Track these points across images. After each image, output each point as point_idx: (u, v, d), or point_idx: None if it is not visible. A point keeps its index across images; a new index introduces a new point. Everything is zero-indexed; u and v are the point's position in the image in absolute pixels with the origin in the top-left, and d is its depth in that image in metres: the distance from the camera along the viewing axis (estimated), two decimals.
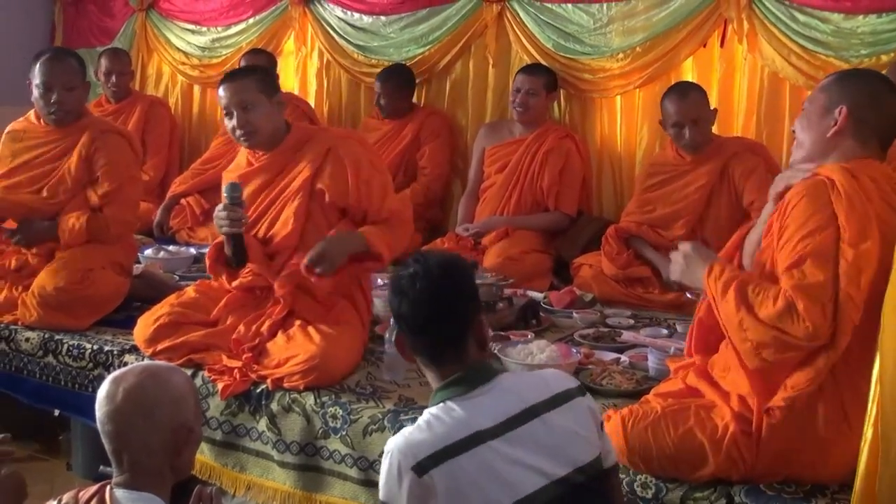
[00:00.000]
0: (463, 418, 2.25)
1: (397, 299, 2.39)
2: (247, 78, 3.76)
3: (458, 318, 2.38)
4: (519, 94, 5.32)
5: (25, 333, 4.15)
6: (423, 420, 2.29)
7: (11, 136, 4.57)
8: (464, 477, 2.18)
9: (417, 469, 2.18)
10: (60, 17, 7.55)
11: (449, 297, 2.38)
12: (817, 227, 2.59)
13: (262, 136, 3.76)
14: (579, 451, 2.31)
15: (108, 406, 2.26)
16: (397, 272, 2.43)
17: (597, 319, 4.27)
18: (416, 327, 2.38)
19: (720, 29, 5.01)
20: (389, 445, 2.28)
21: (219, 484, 3.51)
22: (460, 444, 2.20)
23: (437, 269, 2.38)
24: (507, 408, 2.28)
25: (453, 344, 2.37)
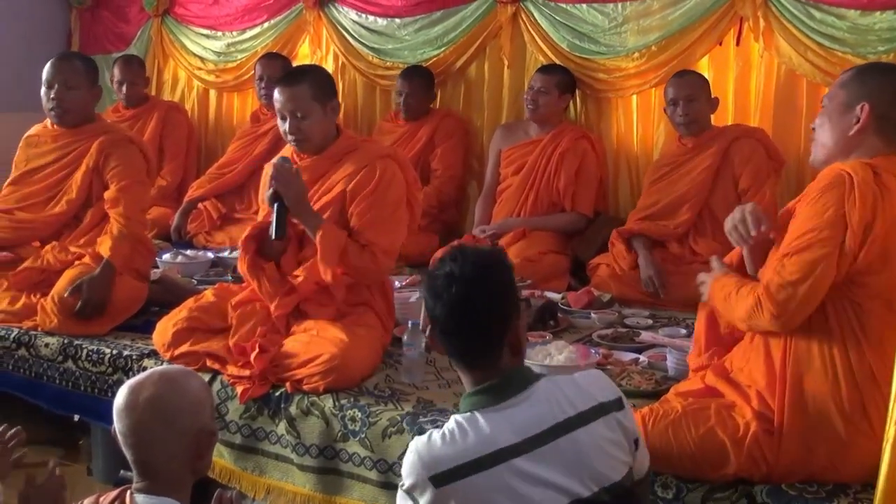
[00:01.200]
0: (486, 434, 2.19)
1: (432, 300, 2.32)
2: (302, 84, 3.71)
3: (492, 325, 2.29)
4: (531, 92, 5.33)
5: (45, 339, 4.17)
6: (448, 428, 2.23)
7: (27, 141, 4.64)
8: (478, 495, 2.15)
9: (434, 481, 2.17)
10: (76, 24, 7.58)
11: (483, 303, 2.28)
12: (822, 224, 2.59)
13: (313, 143, 3.77)
14: (608, 469, 2.24)
15: (128, 418, 2.24)
16: (433, 270, 2.35)
17: (615, 320, 4.26)
18: (449, 331, 2.32)
19: (736, 27, 4.98)
20: (413, 447, 2.25)
21: (238, 488, 3.52)
22: (479, 462, 2.16)
23: (472, 272, 2.28)
24: (537, 422, 2.20)
25: (486, 350, 2.29)
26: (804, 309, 2.61)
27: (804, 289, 2.58)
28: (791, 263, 2.59)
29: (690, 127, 4.78)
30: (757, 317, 2.66)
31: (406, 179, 3.81)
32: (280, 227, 3.62)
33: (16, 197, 4.57)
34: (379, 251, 3.67)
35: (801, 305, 2.60)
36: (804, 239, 2.60)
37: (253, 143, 6.20)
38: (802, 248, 2.59)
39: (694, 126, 4.78)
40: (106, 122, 4.76)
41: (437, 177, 5.81)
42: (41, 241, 4.53)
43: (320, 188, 3.76)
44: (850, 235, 2.56)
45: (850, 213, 2.56)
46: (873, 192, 2.59)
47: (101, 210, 4.44)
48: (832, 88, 2.85)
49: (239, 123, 6.78)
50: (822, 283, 2.58)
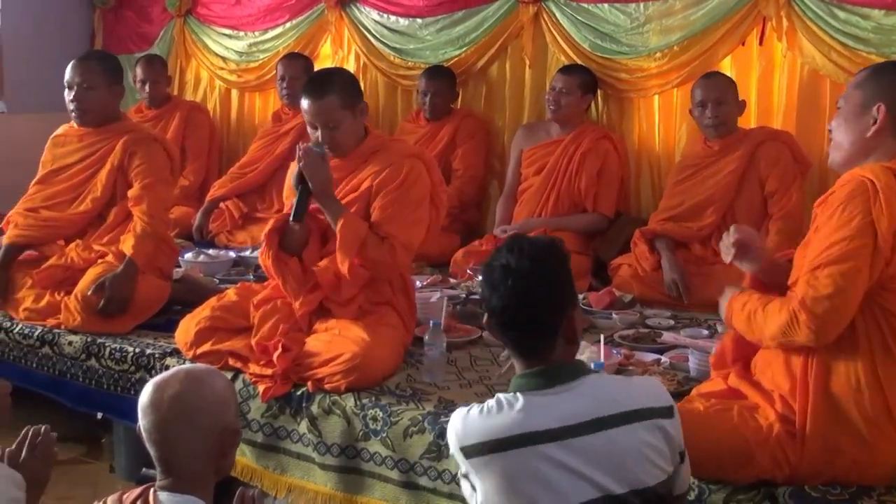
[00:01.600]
0: (523, 416, 2.22)
1: (488, 291, 2.34)
2: (330, 96, 3.69)
3: (547, 317, 2.31)
4: (553, 92, 5.31)
5: (68, 337, 4.19)
6: (490, 403, 2.27)
7: (54, 141, 4.68)
8: (502, 473, 2.19)
9: (464, 451, 2.25)
10: (100, 24, 7.62)
11: (539, 296, 2.31)
12: (850, 234, 2.56)
13: (346, 148, 3.79)
14: (643, 473, 2.22)
15: (153, 415, 2.26)
16: (490, 262, 2.37)
17: (636, 320, 4.25)
18: (505, 323, 2.34)
19: (759, 27, 4.95)
20: (454, 415, 2.32)
21: (260, 486, 3.53)
22: (508, 441, 2.19)
23: (529, 265, 2.30)
24: (577, 413, 2.21)
25: (541, 340, 2.31)
26: (842, 321, 2.57)
27: (840, 301, 2.54)
28: (824, 276, 2.55)
29: (719, 129, 4.73)
30: (793, 332, 2.59)
31: (432, 180, 3.82)
32: (300, 209, 3.65)
33: (42, 196, 4.61)
34: (398, 244, 3.68)
35: (839, 318, 2.56)
36: (834, 250, 2.56)
37: (274, 143, 6.21)
38: (834, 261, 2.55)
39: (722, 128, 4.74)
40: (131, 121, 4.79)
41: (459, 177, 5.80)
42: (66, 239, 4.56)
43: (347, 185, 3.77)
44: (882, 241, 2.54)
45: (879, 220, 2.54)
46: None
47: (125, 209, 4.47)
48: (847, 89, 2.82)
49: (261, 123, 6.79)
50: (857, 293, 2.56)
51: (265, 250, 3.76)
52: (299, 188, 3.64)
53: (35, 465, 2.65)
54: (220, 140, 6.97)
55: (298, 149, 3.67)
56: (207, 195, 6.26)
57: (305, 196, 3.64)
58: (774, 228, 4.54)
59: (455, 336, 4.00)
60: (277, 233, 3.77)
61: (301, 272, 3.74)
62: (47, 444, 2.71)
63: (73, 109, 4.49)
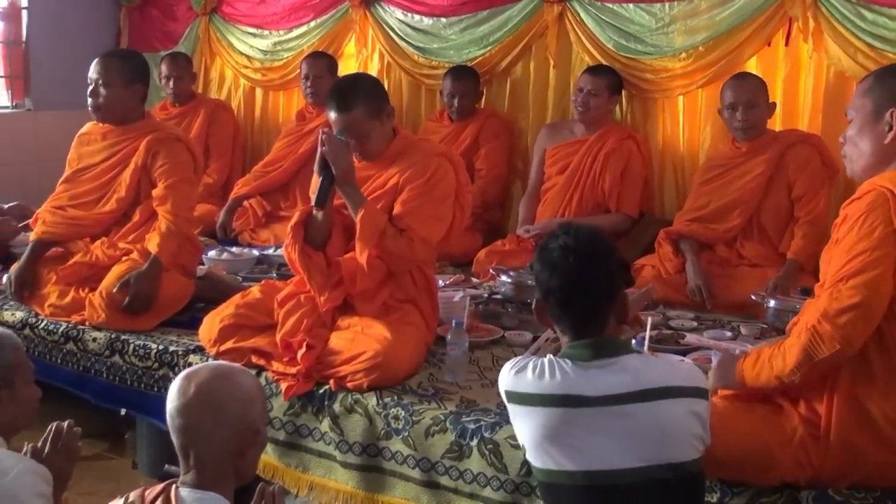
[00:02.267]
0: (567, 379, 2.38)
1: (547, 272, 2.49)
2: (356, 110, 3.68)
3: (604, 294, 2.49)
4: (581, 94, 5.29)
5: (93, 333, 4.22)
6: (542, 361, 2.45)
7: (80, 139, 4.71)
8: (540, 425, 2.38)
9: (508, 395, 2.49)
10: (126, 23, 7.65)
11: (599, 273, 2.48)
12: (872, 245, 2.55)
13: (377, 153, 3.81)
14: (680, 447, 2.36)
15: (178, 400, 2.30)
16: (547, 243, 2.52)
17: (659, 321, 4.23)
18: (565, 300, 2.48)
19: (785, 27, 4.92)
20: (508, 365, 2.55)
21: (281, 483, 3.53)
22: (551, 399, 2.37)
23: (588, 244, 2.48)
24: (620, 384, 2.36)
25: (596, 318, 2.47)
26: (867, 330, 2.56)
27: (864, 311, 2.53)
28: (847, 288, 2.54)
29: (749, 132, 4.68)
30: (817, 349, 2.55)
31: (458, 180, 3.82)
32: (323, 194, 3.66)
33: (68, 195, 4.63)
34: (416, 237, 3.68)
35: (864, 327, 2.54)
36: (857, 262, 2.55)
37: (298, 142, 6.22)
38: (857, 272, 2.54)
39: (752, 132, 4.68)
40: (154, 120, 4.80)
41: (482, 177, 5.80)
42: (91, 237, 4.59)
43: (374, 183, 3.78)
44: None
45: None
46: None
47: (149, 208, 4.49)
48: (855, 99, 2.80)
49: (284, 122, 6.80)
50: (882, 302, 2.54)
51: (291, 243, 3.77)
52: (322, 174, 3.65)
53: (58, 460, 2.69)
54: (243, 138, 6.99)
55: (322, 133, 3.67)
56: (231, 193, 6.28)
57: (328, 182, 3.65)
58: (801, 232, 4.51)
59: (477, 336, 4.00)
60: (302, 226, 3.79)
61: (325, 265, 3.75)
62: (71, 440, 2.75)
63: (90, 105, 4.51)
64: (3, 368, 2.62)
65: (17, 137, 6.99)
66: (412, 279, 3.82)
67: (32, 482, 2.45)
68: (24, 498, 2.41)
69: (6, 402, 2.62)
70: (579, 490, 2.37)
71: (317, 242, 3.78)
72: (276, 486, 2.38)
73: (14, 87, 7.20)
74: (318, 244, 3.78)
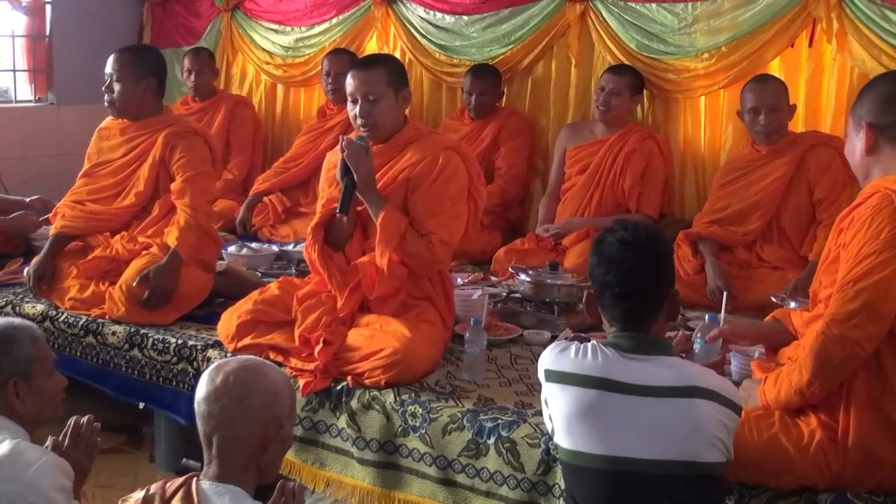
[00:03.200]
0: (608, 363, 2.45)
1: (605, 265, 2.53)
2: (378, 68, 3.75)
3: (660, 289, 2.56)
4: (602, 93, 5.28)
5: (112, 327, 4.23)
6: (585, 346, 2.50)
7: (100, 133, 4.74)
8: (569, 401, 2.44)
9: (546, 374, 2.54)
10: (149, 18, 7.68)
11: (655, 268, 2.55)
12: (879, 247, 2.55)
13: (383, 129, 3.79)
14: (705, 448, 2.40)
15: (207, 387, 2.33)
16: (604, 237, 2.57)
17: (678, 322, 4.21)
18: (622, 294, 2.53)
19: (808, 28, 4.90)
20: (551, 346, 2.61)
21: (298, 479, 3.54)
22: (586, 379, 2.43)
23: (646, 239, 2.54)
24: (657, 378, 2.43)
25: (649, 312, 2.54)
26: (878, 332, 2.55)
27: (872, 314, 2.52)
28: (854, 292, 2.54)
29: (770, 136, 4.65)
30: (830, 356, 2.55)
31: (469, 173, 3.81)
32: (346, 202, 3.68)
33: (88, 189, 4.66)
34: (437, 241, 3.68)
35: (874, 329, 2.53)
36: (865, 264, 2.55)
37: (319, 138, 6.24)
38: (864, 275, 2.54)
39: (774, 136, 4.65)
40: (172, 114, 4.81)
41: (502, 175, 5.79)
42: (111, 231, 4.61)
43: (384, 175, 3.77)
44: None
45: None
46: None
47: (168, 202, 4.51)
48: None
49: (305, 118, 6.82)
50: (891, 303, 2.53)
51: (311, 244, 3.78)
52: (344, 180, 3.66)
53: (78, 454, 2.71)
54: (264, 134, 7.02)
55: (342, 139, 3.69)
56: (251, 189, 6.30)
57: (351, 188, 3.66)
58: (823, 234, 4.48)
59: (495, 334, 3.99)
60: (323, 227, 3.80)
61: (346, 265, 3.76)
62: (90, 435, 2.77)
63: (105, 100, 4.53)
64: (22, 362, 2.64)
65: (40, 131, 7.03)
66: (428, 277, 3.82)
67: (54, 475, 2.48)
68: (45, 490, 2.44)
69: (26, 395, 2.64)
70: (601, 474, 2.42)
71: (337, 244, 3.80)
72: (295, 483, 2.39)
73: (37, 81, 7.25)
74: (339, 245, 3.80)
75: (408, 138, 3.83)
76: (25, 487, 2.43)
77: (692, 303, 4.52)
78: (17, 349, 2.64)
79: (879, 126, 2.69)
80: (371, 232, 3.75)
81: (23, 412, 2.63)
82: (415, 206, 3.72)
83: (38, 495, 2.43)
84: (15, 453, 2.49)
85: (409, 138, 3.83)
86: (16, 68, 7.14)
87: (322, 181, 4.03)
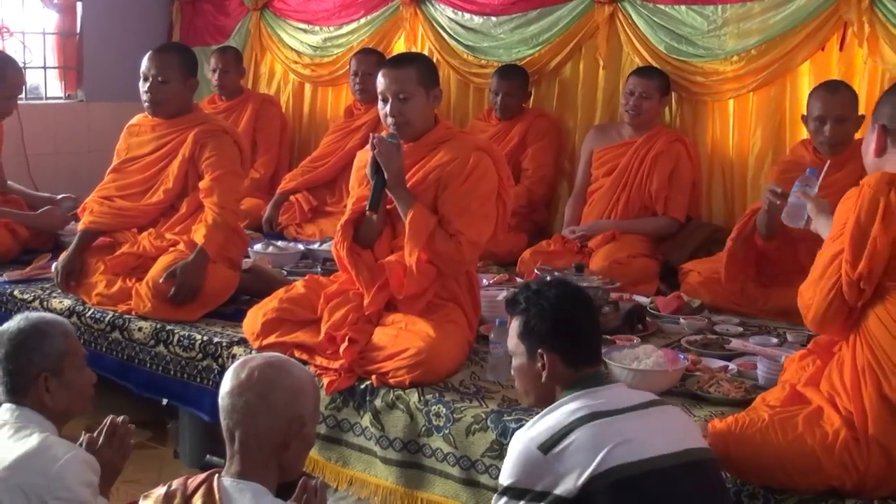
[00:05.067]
0: (585, 402, 2.48)
1: (567, 312, 2.63)
2: (409, 67, 3.75)
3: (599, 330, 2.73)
4: (632, 98, 5.24)
5: (138, 323, 4.25)
6: (550, 411, 2.50)
7: (129, 130, 4.76)
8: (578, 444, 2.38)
9: (540, 450, 2.40)
10: (178, 17, 7.71)
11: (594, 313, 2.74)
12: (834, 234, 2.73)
13: (413, 128, 3.78)
14: (692, 439, 2.54)
15: (231, 382, 2.34)
16: (542, 295, 2.64)
17: (704, 326, 4.19)
18: (585, 338, 2.64)
19: (839, 32, 4.85)
20: (518, 436, 2.54)
21: (322, 477, 3.55)
22: (577, 421, 2.42)
23: (576, 290, 2.74)
24: (628, 399, 2.53)
25: (599, 350, 2.70)
26: (826, 312, 2.73)
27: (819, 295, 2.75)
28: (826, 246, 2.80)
29: (835, 148, 4.43)
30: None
31: (499, 174, 3.80)
32: (375, 199, 3.68)
33: (116, 185, 4.69)
34: (465, 241, 3.67)
35: (823, 312, 2.75)
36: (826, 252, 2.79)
37: (346, 138, 6.25)
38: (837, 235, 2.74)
39: (839, 147, 4.43)
40: (203, 112, 4.84)
41: (528, 176, 5.78)
42: (139, 227, 4.63)
43: (415, 174, 3.76)
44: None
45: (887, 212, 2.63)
46: None
47: (196, 199, 4.53)
48: None
49: (332, 117, 6.83)
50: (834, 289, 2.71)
51: (339, 241, 3.79)
52: (375, 177, 3.66)
53: (110, 454, 2.75)
54: (291, 133, 7.03)
55: (372, 137, 3.69)
56: (278, 188, 6.32)
57: (381, 185, 3.67)
58: None
59: None
60: (352, 225, 3.80)
61: (374, 263, 3.77)
62: (124, 436, 2.80)
63: (146, 101, 4.55)
64: (52, 357, 2.66)
65: (70, 128, 7.09)
66: (455, 278, 3.81)
67: (81, 470, 2.51)
68: (71, 485, 2.47)
69: (56, 390, 2.66)
70: (668, 473, 2.42)
71: (366, 242, 3.80)
72: (318, 480, 2.40)
73: (68, 78, 7.31)
74: (367, 243, 3.80)
75: (439, 138, 3.82)
76: (52, 481, 2.45)
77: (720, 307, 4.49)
78: (49, 344, 2.66)
79: (892, 129, 2.78)
80: (400, 230, 3.75)
81: (52, 406, 2.65)
82: (444, 206, 3.72)
83: (65, 489, 2.46)
84: (43, 447, 2.51)
85: (439, 138, 3.82)
86: (46, 65, 7.19)
87: (352, 180, 4.03)
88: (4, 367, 2.65)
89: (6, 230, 5.18)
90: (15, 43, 6.91)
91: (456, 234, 3.67)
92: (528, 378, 2.67)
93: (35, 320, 2.72)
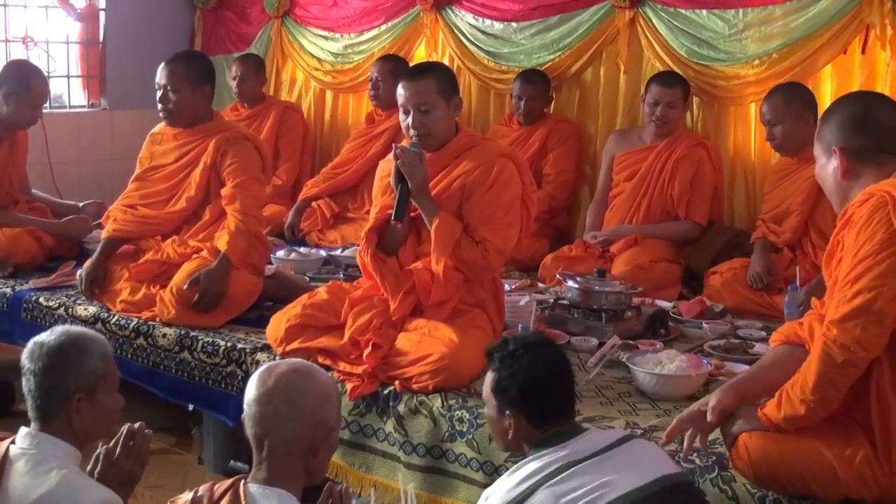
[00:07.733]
0: (555, 456, 2.50)
1: (537, 372, 2.60)
2: (428, 78, 3.76)
3: None
4: (658, 108, 5.21)
5: (163, 329, 4.28)
6: (518, 467, 2.55)
7: (152, 138, 4.79)
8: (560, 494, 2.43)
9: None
10: (200, 24, 7.75)
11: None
12: (875, 249, 2.52)
13: (436, 138, 3.79)
14: (665, 466, 2.55)
15: (257, 390, 2.34)
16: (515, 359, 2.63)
17: (727, 330, 4.19)
18: (558, 396, 2.65)
19: (862, 34, 4.83)
20: (496, 486, 2.63)
21: (345, 483, 3.56)
22: (552, 473, 2.46)
23: (551, 346, 2.77)
24: (597, 444, 2.53)
25: (568, 410, 2.67)
26: (879, 332, 2.51)
27: (872, 315, 2.50)
28: (852, 292, 2.52)
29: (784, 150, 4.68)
30: (832, 358, 2.52)
31: (523, 181, 3.81)
32: (400, 209, 3.69)
33: (139, 194, 4.72)
34: (491, 248, 3.68)
35: (875, 329, 2.50)
36: (860, 267, 2.53)
37: (367, 144, 6.26)
38: (860, 275, 2.52)
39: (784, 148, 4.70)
40: (224, 120, 4.87)
41: (550, 182, 5.78)
42: (162, 235, 4.66)
43: (439, 183, 3.77)
44: None
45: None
46: None
47: (219, 206, 4.55)
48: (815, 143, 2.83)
49: (354, 124, 6.85)
50: (889, 303, 2.50)
51: (364, 248, 3.81)
52: (399, 187, 3.67)
53: (129, 462, 2.69)
54: (313, 140, 7.05)
55: (395, 147, 3.70)
56: (300, 194, 6.34)
57: (405, 195, 3.68)
58: None
59: None
60: (376, 232, 3.82)
61: (399, 270, 3.78)
62: (142, 443, 2.74)
63: (160, 110, 4.58)
64: (88, 376, 2.58)
65: (93, 136, 7.14)
66: (481, 284, 3.82)
67: None
68: None
69: (85, 411, 2.57)
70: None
71: (392, 248, 3.82)
72: (343, 486, 2.41)
73: (91, 86, 7.35)
74: (392, 250, 3.81)
75: (461, 146, 3.83)
76: None
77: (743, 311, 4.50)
78: (88, 363, 2.58)
79: (852, 149, 2.68)
80: (425, 237, 3.77)
81: (78, 427, 2.57)
82: (469, 214, 3.73)
83: None
84: (63, 486, 2.43)
85: (462, 146, 3.83)
86: (70, 74, 7.25)
87: (375, 189, 4.04)
88: (39, 381, 2.55)
89: (31, 237, 5.21)
90: (39, 52, 6.97)
91: (482, 242, 3.68)
92: (497, 430, 2.73)
93: (76, 336, 2.63)
